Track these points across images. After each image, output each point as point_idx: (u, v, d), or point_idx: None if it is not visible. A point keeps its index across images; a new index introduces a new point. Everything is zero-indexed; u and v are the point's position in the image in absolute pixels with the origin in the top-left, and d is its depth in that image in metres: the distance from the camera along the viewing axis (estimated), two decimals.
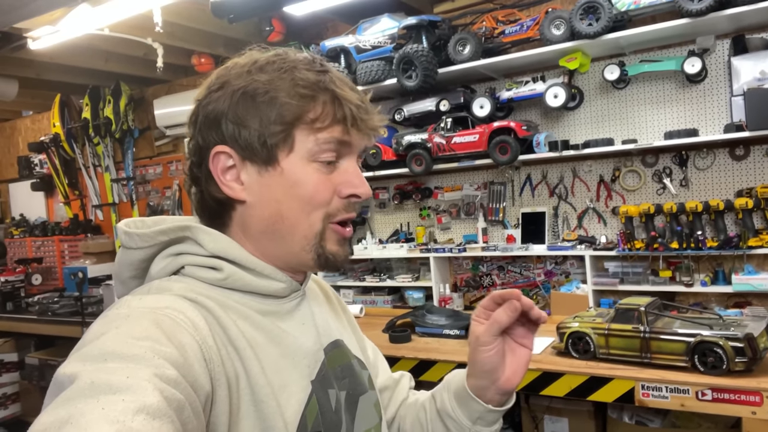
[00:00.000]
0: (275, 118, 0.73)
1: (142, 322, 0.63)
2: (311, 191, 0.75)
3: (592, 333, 2.18)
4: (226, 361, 0.68)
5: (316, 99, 0.74)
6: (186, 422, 0.56)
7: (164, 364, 0.58)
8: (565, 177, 3.02)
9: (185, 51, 3.92)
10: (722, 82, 2.62)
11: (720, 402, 1.87)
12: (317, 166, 0.76)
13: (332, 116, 0.75)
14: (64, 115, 4.81)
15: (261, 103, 0.73)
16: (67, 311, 4.12)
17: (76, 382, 0.52)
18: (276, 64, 0.76)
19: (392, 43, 3.01)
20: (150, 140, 4.76)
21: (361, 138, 0.79)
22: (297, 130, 0.74)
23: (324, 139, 0.75)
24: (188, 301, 0.70)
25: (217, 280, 0.75)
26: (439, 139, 2.99)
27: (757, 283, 2.41)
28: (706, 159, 2.68)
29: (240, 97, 0.74)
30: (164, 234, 0.76)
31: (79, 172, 5.06)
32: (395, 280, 3.35)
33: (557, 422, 2.62)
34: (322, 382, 0.79)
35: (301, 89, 0.74)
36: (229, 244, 0.77)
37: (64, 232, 4.91)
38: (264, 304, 0.78)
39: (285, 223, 0.76)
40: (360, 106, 0.77)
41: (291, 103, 0.73)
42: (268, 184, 0.76)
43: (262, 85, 0.74)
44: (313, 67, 0.76)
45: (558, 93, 2.72)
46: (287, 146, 0.75)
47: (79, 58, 3.85)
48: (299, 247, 0.77)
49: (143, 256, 0.77)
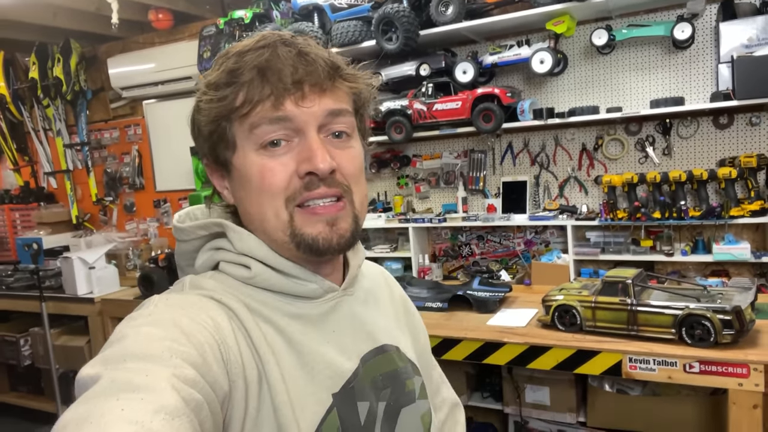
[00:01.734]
0: (206, 120, 0.72)
1: (163, 322, 0.63)
2: (259, 179, 0.71)
3: (579, 306, 2.16)
4: (248, 364, 0.67)
5: (239, 83, 0.69)
6: (204, 422, 0.56)
7: (182, 364, 0.58)
8: (547, 145, 2.96)
9: (142, 6, 3.65)
10: (708, 48, 2.57)
11: (707, 374, 1.89)
12: (263, 152, 0.70)
13: (258, 95, 0.68)
14: (9, 74, 4.44)
15: (197, 111, 0.73)
16: (23, 285, 3.90)
17: (98, 382, 0.53)
18: (221, 59, 0.73)
19: (370, 1, 2.84)
20: (105, 102, 4.46)
21: (308, 105, 0.69)
22: (231, 123, 0.71)
23: (254, 123, 0.69)
24: (214, 301, 0.69)
25: (246, 278, 0.73)
26: (420, 105, 2.87)
27: (737, 253, 2.43)
28: (690, 127, 2.66)
29: (194, 108, 0.74)
30: (202, 229, 0.76)
31: (28, 137, 4.73)
32: (373, 250, 3.27)
33: (538, 391, 2.63)
34: (348, 395, 0.74)
35: (224, 79, 0.70)
36: (255, 243, 0.74)
37: (14, 200, 4.62)
38: (294, 306, 0.74)
39: (255, 220, 0.74)
40: (296, 69, 0.69)
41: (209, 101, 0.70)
42: (234, 186, 0.75)
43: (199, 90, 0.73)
44: (256, 45, 0.70)
45: (544, 58, 2.63)
46: (230, 144, 0.72)
47: (24, 13, 3.53)
48: (281, 241, 0.73)
49: (191, 248, 0.79)
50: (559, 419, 2.60)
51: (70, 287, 3.63)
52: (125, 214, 4.52)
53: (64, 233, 4.45)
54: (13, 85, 4.47)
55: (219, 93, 0.70)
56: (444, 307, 2.60)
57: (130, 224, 4.49)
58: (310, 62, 0.70)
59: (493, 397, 2.80)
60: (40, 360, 3.90)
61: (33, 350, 3.97)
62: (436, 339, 2.32)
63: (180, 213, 0.81)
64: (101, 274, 3.68)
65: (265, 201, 0.71)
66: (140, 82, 4.07)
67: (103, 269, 3.69)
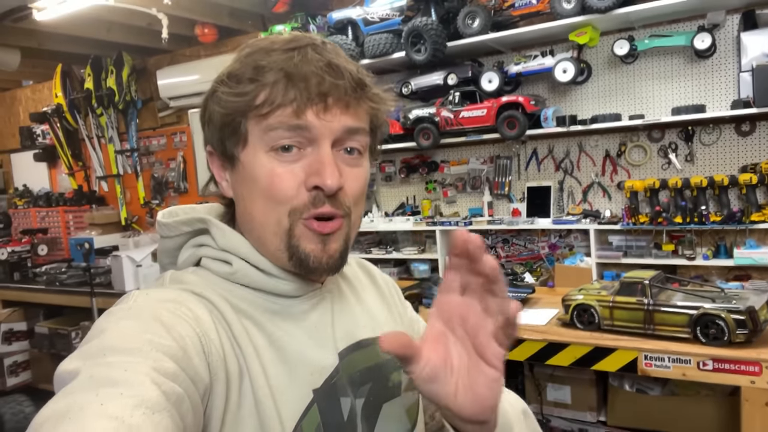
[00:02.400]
0: (220, 113, 0.70)
1: (142, 316, 0.62)
2: (266, 184, 0.69)
3: (597, 305, 2.24)
4: (229, 357, 0.66)
5: (260, 82, 0.67)
6: (185, 415, 0.55)
7: (162, 357, 0.57)
8: (571, 151, 3.05)
9: (189, 21, 3.89)
10: (730, 57, 2.62)
11: (720, 372, 1.94)
12: (274, 156, 0.69)
13: (280, 99, 0.67)
14: (66, 85, 4.77)
15: (213, 99, 0.71)
16: (75, 281, 4.17)
17: (77, 378, 0.53)
18: (246, 50, 0.71)
19: (400, 15, 2.99)
20: (153, 111, 4.74)
21: (328, 119, 0.68)
22: (247, 119, 0.69)
23: (270, 125, 0.68)
24: (194, 295, 0.69)
25: (227, 273, 0.73)
26: (447, 113, 3.00)
27: (758, 257, 2.46)
28: (712, 134, 2.71)
29: (209, 94, 0.73)
30: (186, 225, 0.76)
31: (82, 143, 5.05)
32: (401, 252, 3.40)
33: (560, 390, 2.71)
34: (329, 391, 0.74)
35: (248, 74, 0.68)
36: (237, 240, 0.74)
37: (68, 203, 4.94)
38: (274, 303, 0.74)
39: (255, 221, 0.72)
40: (323, 82, 0.67)
41: (231, 93, 0.68)
42: (237, 181, 0.74)
43: (218, 78, 0.72)
44: (284, 46, 0.69)
45: (567, 68, 2.73)
46: (240, 139, 0.70)
47: (81, 28, 3.81)
48: (274, 247, 0.72)
49: (174, 245, 0.78)
50: (580, 418, 2.67)
51: (119, 284, 3.88)
52: None
53: (114, 234, 4.72)
54: (70, 95, 4.79)
55: (240, 87, 0.68)
56: None
57: None
58: (338, 75, 0.68)
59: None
60: None
61: None
62: None
63: (164, 210, 0.80)
64: (147, 272, 3.92)
65: (269, 206, 0.70)
66: (186, 93, 4.31)
67: (149, 267, 3.93)
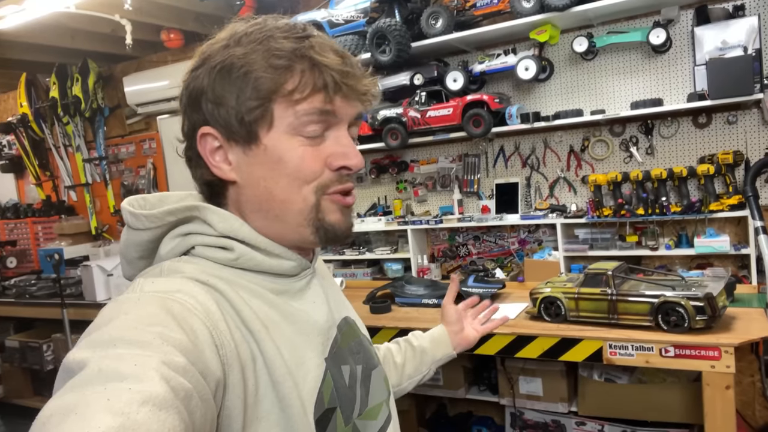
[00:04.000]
0: (250, 94, 0.70)
1: (152, 307, 0.62)
2: (296, 166, 0.72)
3: (563, 297, 2.29)
4: (239, 345, 0.67)
5: (292, 69, 0.70)
6: (193, 411, 0.55)
7: (173, 351, 0.57)
8: (537, 148, 3.10)
9: (154, 27, 3.86)
10: (686, 51, 2.70)
11: (682, 358, 2.00)
12: (301, 140, 0.73)
13: (312, 85, 0.71)
14: (31, 94, 4.69)
15: (236, 78, 0.71)
16: (46, 293, 4.11)
17: (85, 369, 0.52)
18: (253, 35, 0.72)
19: (365, 17, 3.02)
20: (121, 118, 4.69)
21: (348, 105, 0.75)
22: (275, 104, 0.71)
23: (304, 111, 0.71)
24: (200, 284, 0.69)
25: (228, 260, 0.74)
26: (414, 113, 3.03)
27: (717, 245, 2.53)
28: (671, 127, 2.78)
29: (217, 73, 0.72)
30: (172, 214, 0.73)
31: (49, 153, 4.97)
32: (374, 252, 3.42)
33: (531, 382, 2.75)
34: (335, 359, 0.79)
35: (276, 60, 0.70)
36: (238, 223, 0.75)
37: (36, 213, 4.85)
38: (276, 284, 0.77)
39: (276, 201, 0.74)
40: (344, 71, 0.72)
41: (265, 77, 0.70)
42: (253, 163, 0.73)
43: (237, 59, 0.71)
44: (292, 34, 0.72)
45: (529, 66, 2.77)
46: (266, 122, 0.72)
47: (44, 36, 3.75)
48: (296, 223, 0.75)
49: (150, 237, 0.75)
50: (552, 409, 2.72)
51: (90, 294, 3.83)
52: None
53: (84, 244, 4.65)
54: (35, 105, 4.71)
55: (269, 73, 0.70)
56: (439, 303, 2.72)
57: None
58: (352, 65, 0.74)
59: (489, 390, 2.92)
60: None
61: (55, 355, 4.17)
62: None
63: (130, 200, 0.77)
64: (119, 281, 3.87)
65: (295, 185, 0.73)
66: (154, 99, 4.27)
67: (120, 276, 3.88)
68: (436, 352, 1.28)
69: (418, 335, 1.31)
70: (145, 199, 0.78)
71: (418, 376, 1.26)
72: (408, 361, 1.24)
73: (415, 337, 1.30)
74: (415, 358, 1.25)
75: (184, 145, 0.79)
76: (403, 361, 1.24)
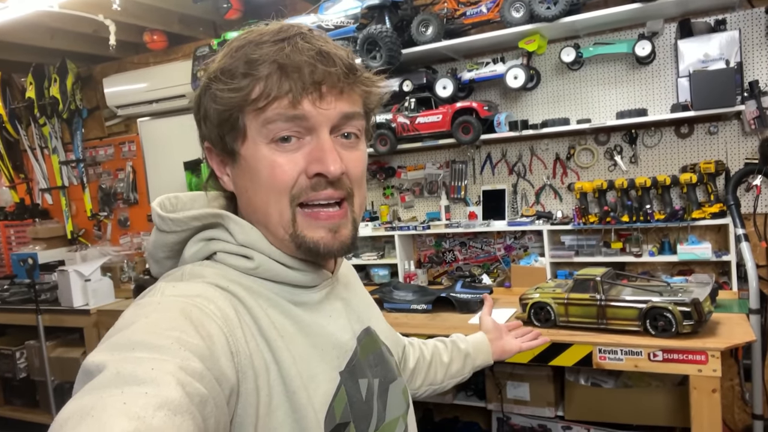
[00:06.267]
0: (217, 110, 0.71)
1: (172, 311, 0.62)
2: (268, 175, 0.71)
3: (553, 302, 2.32)
4: (254, 353, 0.67)
5: (254, 76, 0.68)
6: (208, 417, 0.55)
7: (190, 356, 0.57)
8: (524, 155, 3.14)
9: (137, 28, 3.80)
10: (669, 63, 2.77)
11: (670, 362, 2.05)
12: (274, 147, 0.70)
13: (276, 91, 0.68)
14: (5, 94, 4.56)
15: (209, 95, 0.72)
16: (19, 299, 3.99)
17: (103, 372, 0.53)
18: (235, 44, 0.72)
19: (355, 23, 3.02)
20: (100, 120, 4.59)
21: (325, 107, 0.70)
22: (244, 114, 0.70)
23: (269, 118, 0.69)
24: (220, 290, 0.69)
25: (248, 269, 0.74)
26: (403, 119, 3.04)
27: (699, 252, 2.60)
28: (654, 137, 2.85)
29: (202, 91, 0.74)
30: (197, 220, 0.74)
31: (24, 154, 4.84)
32: (360, 258, 3.41)
33: (519, 387, 2.78)
34: (352, 372, 0.78)
35: (245, 68, 0.69)
36: (256, 235, 0.74)
37: (9, 217, 4.71)
38: (294, 294, 0.76)
39: (259, 213, 0.74)
40: (318, 70, 0.68)
41: (225, 90, 0.69)
42: (239, 175, 0.75)
43: (212, 73, 0.72)
44: (273, 37, 0.70)
45: (517, 74, 2.82)
46: (240, 134, 0.71)
47: (23, 35, 3.66)
48: (280, 237, 0.74)
49: (176, 239, 0.76)
50: (539, 414, 2.75)
51: (66, 300, 3.73)
52: (119, 228, 4.62)
53: (59, 248, 4.54)
54: (10, 105, 4.59)
55: (235, 82, 0.69)
56: (428, 308, 2.75)
57: (125, 238, 4.60)
58: (330, 62, 0.69)
59: (476, 395, 2.94)
60: (35, 372, 3.98)
61: (28, 363, 4.04)
62: (421, 338, 2.46)
63: (161, 200, 0.77)
64: (97, 286, 3.78)
65: (271, 197, 0.72)
66: (135, 101, 4.20)
67: (98, 281, 3.80)
68: (477, 358, 1.30)
69: (462, 338, 1.33)
70: (178, 197, 0.79)
71: (458, 378, 1.29)
72: (454, 361, 1.27)
73: (461, 340, 1.32)
74: (459, 360, 1.28)
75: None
76: (449, 360, 1.26)
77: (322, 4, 3.13)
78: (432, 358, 1.23)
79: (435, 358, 1.25)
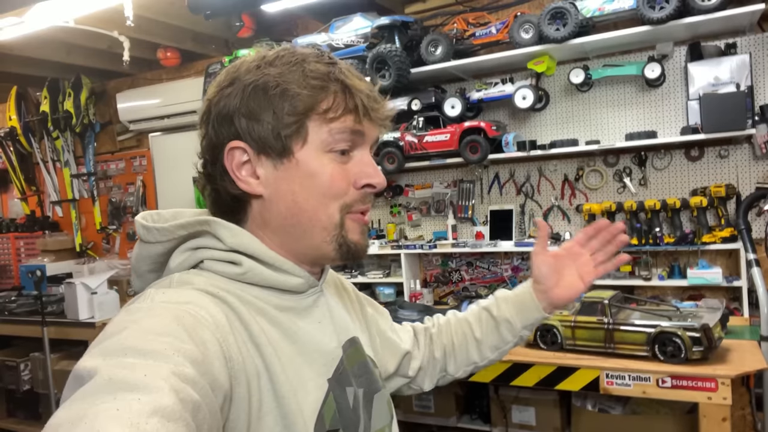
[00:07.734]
0: (288, 110, 0.73)
1: (164, 317, 0.62)
2: (327, 182, 0.75)
3: (559, 325, 2.28)
4: (246, 359, 0.67)
5: (327, 89, 0.74)
6: (201, 423, 0.55)
7: (183, 361, 0.57)
8: (532, 176, 3.13)
9: (151, 44, 3.85)
10: (679, 86, 2.76)
11: (679, 389, 1.99)
12: (332, 157, 0.75)
13: (344, 106, 0.74)
14: (20, 108, 4.64)
15: (273, 96, 0.73)
16: (26, 310, 3.98)
17: (95, 378, 0.52)
18: (285, 58, 0.76)
19: (365, 42, 3.05)
20: (112, 135, 4.65)
21: (373, 128, 0.79)
22: (310, 121, 0.74)
23: (337, 129, 0.75)
24: (210, 297, 0.69)
25: (236, 274, 0.74)
26: (411, 137, 3.05)
27: (710, 277, 2.56)
28: (664, 159, 2.83)
29: (251, 91, 0.74)
30: (183, 228, 0.75)
31: (36, 167, 4.90)
32: (366, 276, 3.39)
33: (524, 411, 2.72)
34: (340, 380, 0.79)
35: (311, 80, 0.73)
36: (248, 238, 0.76)
37: (19, 228, 4.75)
38: (282, 300, 0.77)
39: (304, 215, 0.76)
40: (370, 96, 0.77)
41: (303, 94, 0.73)
42: (284, 177, 0.75)
43: (272, 78, 0.74)
44: (322, 60, 0.76)
45: (526, 95, 2.82)
46: (301, 138, 0.74)
47: (39, 50, 3.73)
48: (320, 239, 0.77)
49: (162, 250, 0.76)
50: None
51: (72, 312, 3.73)
52: (128, 242, 4.65)
53: (68, 261, 4.56)
54: (24, 118, 4.66)
55: (307, 91, 0.73)
56: None
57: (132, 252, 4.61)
58: (375, 91, 0.79)
59: (481, 419, 2.88)
60: (39, 385, 3.96)
61: (33, 375, 4.03)
62: None
63: (144, 214, 0.79)
64: (103, 299, 3.78)
65: (323, 201, 0.76)
66: (147, 116, 4.26)
67: (104, 294, 3.79)
68: (523, 319, 1.09)
69: (500, 300, 1.12)
70: (159, 214, 0.79)
71: (505, 346, 1.12)
72: (488, 335, 1.11)
73: (497, 305, 1.12)
74: (497, 330, 1.11)
75: (202, 162, 0.80)
76: (482, 335, 1.11)
77: (333, 23, 3.16)
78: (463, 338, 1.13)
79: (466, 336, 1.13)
